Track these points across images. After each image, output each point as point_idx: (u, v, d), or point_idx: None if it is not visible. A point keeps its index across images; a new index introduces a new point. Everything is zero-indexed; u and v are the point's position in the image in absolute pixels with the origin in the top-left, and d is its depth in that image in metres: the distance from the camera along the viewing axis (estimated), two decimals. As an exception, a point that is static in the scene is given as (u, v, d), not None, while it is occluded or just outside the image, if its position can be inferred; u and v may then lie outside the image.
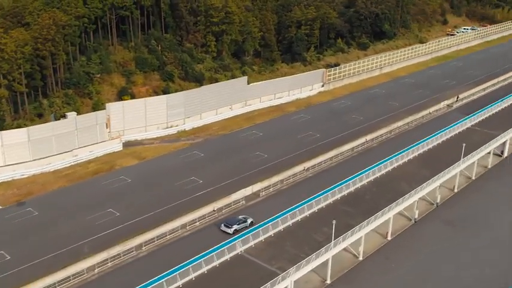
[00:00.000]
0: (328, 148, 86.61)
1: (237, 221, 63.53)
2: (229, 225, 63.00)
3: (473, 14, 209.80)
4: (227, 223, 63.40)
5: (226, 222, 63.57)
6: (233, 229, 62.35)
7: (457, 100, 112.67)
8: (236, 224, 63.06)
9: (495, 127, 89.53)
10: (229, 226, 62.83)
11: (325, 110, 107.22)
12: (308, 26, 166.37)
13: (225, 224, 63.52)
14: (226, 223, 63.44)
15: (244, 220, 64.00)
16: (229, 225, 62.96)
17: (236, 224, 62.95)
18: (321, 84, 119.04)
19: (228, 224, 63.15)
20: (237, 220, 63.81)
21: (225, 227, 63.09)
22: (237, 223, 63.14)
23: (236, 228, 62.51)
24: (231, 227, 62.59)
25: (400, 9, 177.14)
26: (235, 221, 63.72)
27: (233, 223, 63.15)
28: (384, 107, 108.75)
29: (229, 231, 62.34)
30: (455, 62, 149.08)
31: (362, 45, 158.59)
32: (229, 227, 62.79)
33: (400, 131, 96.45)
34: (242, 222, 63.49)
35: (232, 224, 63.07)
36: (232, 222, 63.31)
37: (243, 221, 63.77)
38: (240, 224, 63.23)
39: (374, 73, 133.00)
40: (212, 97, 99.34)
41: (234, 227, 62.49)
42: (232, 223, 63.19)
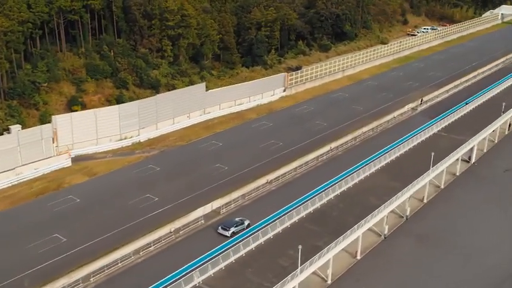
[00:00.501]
0: (291, 158, 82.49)
1: (234, 224, 62.98)
2: (227, 228, 62.38)
3: (432, 14, 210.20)
4: (224, 226, 62.85)
5: (224, 225, 63.00)
6: (231, 231, 61.95)
7: (421, 103, 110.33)
8: (233, 226, 62.55)
9: (461, 132, 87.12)
10: (227, 229, 62.21)
11: (287, 116, 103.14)
12: (268, 28, 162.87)
13: (222, 226, 62.88)
14: (224, 226, 62.86)
15: (241, 222, 63.57)
16: (226, 228, 62.35)
17: (233, 227, 62.46)
18: (283, 89, 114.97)
19: (226, 227, 62.54)
20: (234, 222, 63.24)
21: (223, 229, 62.46)
22: (235, 225, 62.69)
23: (234, 230, 62.13)
24: (228, 230, 62.04)
25: (361, 10, 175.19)
26: (232, 223, 63.12)
27: (230, 225, 62.60)
28: (348, 112, 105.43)
29: (226, 233, 61.78)
30: (417, 63, 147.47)
31: (323, 47, 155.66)
32: (226, 229, 62.18)
33: (365, 137, 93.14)
34: (239, 225, 63.16)
35: (229, 226, 62.49)
36: (230, 225, 62.74)
37: (240, 223, 63.39)
38: (238, 226, 62.85)
39: (337, 76, 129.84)
40: (168, 105, 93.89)
41: (232, 230, 62.06)
42: (229, 226, 62.62)
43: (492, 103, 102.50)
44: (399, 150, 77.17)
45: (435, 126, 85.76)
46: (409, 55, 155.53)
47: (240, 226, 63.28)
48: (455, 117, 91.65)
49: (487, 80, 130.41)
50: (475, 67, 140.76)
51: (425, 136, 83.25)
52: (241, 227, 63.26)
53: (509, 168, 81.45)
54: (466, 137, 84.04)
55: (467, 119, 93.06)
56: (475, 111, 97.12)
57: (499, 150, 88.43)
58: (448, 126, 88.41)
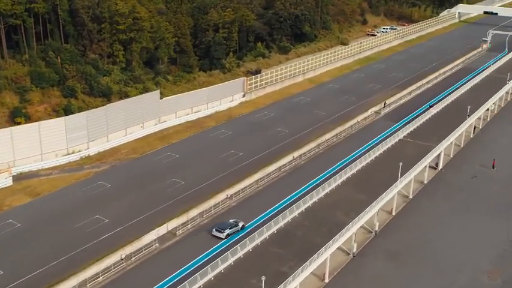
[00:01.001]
0: (252, 169, 77.86)
1: (228, 225, 61.97)
2: (221, 229, 61.34)
3: (391, 13, 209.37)
4: (219, 228, 61.73)
5: (218, 227, 61.84)
6: (225, 233, 60.86)
7: (384, 106, 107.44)
8: (228, 228, 61.54)
9: (427, 137, 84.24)
10: (221, 231, 61.19)
11: (247, 124, 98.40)
12: (226, 29, 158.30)
13: (217, 229, 61.78)
14: (218, 228, 61.75)
15: (235, 224, 62.52)
16: (221, 230, 61.32)
17: (228, 228, 61.45)
18: (242, 94, 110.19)
19: (220, 229, 61.49)
20: (229, 224, 62.21)
21: (217, 231, 61.43)
22: (229, 227, 61.68)
23: (228, 232, 61.08)
24: (223, 232, 61.02)
25: (320, 10, 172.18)
26: (226, 225, 62.10)
27: (225, 227, 61.55)
28: (310, 117, 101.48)
29: (221, 235, 60.72)
30: (378, 63, 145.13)
31: (283, 49, 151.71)
32: (221, 231, 61.16)
33: (329, 145, 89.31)
34: (234, 226, 62.12)
35: (224, 228, 61.44)
36: (224, 227, 61.68)
37: (235, 225, 62.35)
38: (232, 228, 61.80)
39: (297, 79, 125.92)
40: (120, 115, 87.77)
41: (226, 232, 61.04)
42: (223, 227, 61.57)
43: (456, 106, 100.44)
44: (365, 160, 73.44)
45: (401, 132, 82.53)
46: (370, 56, 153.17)
47: (235, 228, 61.92)
48: (420, 122, 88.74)
49: (448, 80, 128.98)
50: (435, 67, 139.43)
51: (391, 143, 79.93)
52: (235, 228, 61.89)
53: (476, 174, 78.86)
54: (433, 143, 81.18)
55: (433, 124, 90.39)
56: (440, 115, 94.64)
57: (465, 154, 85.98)
58: (414, 132, 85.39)
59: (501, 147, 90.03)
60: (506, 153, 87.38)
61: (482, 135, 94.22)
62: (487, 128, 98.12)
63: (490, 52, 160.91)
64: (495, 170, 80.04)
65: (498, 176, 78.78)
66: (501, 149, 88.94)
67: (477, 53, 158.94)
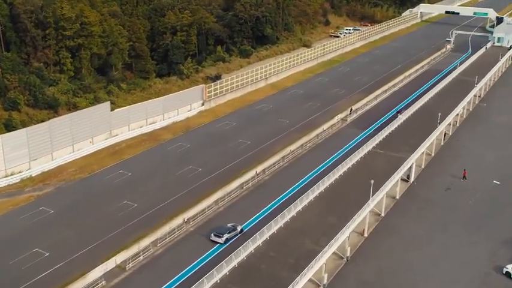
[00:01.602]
0: (212, 187, 71.58)
1: (227, 230, 60.42)
2: (220, 234, 59.76)
3: (353, 14, 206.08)
4: (217, 233, 60.08)
5: (217, 232, 60.20)
6: (224, 238, 59.39)
7: (350, 113, 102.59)
8: (226, 232, 59.99)
9: (398, 148, 79.41)
10: (220, 235, 59.61)
11: (207, 135, 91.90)
12: (184, 32, 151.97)
13: (215, 233, 60.10)
14: (217, 233, 60.10)
15: (234, 228, 61.09)
16: (219, 235, 59.71)
17: (226, 233, 59.91)
18: (201, 103, 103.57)
19: (219, 234, 59.87)
20: (227, 229, 60.67)
21: (216, 236, 59.82)
22: (228, 232, 60.14)
23: (227, 237, 59.61)
24: (221, 236, 59.49)
25: (281, 11, 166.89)
26: (225, 229, 60.48)
27: (223, 232, 59.98)
28: (274, 126, 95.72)
29: (220, 240, 59.28)
30: (342, 66, 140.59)
31: (244, 52, 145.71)
32: (220, 236, 59.60)
33: (294, 156, 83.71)
34: (232, 231, 60.61)
35: (222, 233, 59.86)
36: (223, 232, 60.08)
37: (233, 229, 60.88)
38: (231, 232, 60.29)
39: (259, 84, 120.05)
40: (66, 130, 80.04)
41: (225, 236, 59.55)
42: (222, 232, 59.97)
43: (425, 111, 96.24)
44: (333, 176, 67.96)
45: (370, 143, 77.42)
46: (334, 58, 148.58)
47: (233, 232, 60.38)
48: (389, 130, 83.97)
49: (414, 83, 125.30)
50: (401, 69, 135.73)
51: (360, 155, 74.76)
52: (234, 233, 60.38)
53: (449, 186, 74.47)
54: (404, 154, 76.42)
55: (402, 132, 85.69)
56: (409, 122, 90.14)
57: (437, 164, 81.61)
58: (383, 142, 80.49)
59: (471, 154, 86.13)
60: (476, 160, 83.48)
61: (453, 142, 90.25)
62: (457, 133, 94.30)
63: (454, 53, 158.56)
64: (466, 180, 75.86)
65: (471, 187, 74.57)
66: (471, 156, 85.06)
67: (441, 54, 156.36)
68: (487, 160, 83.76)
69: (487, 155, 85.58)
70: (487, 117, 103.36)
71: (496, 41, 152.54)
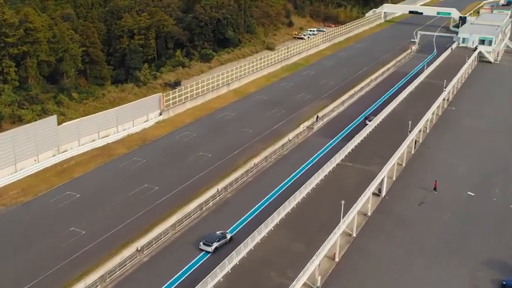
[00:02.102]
0: (170, 208, 65.69)
1: (216, 238, 58.45)
2: (209, 243, 57.77)
3: (317, 15, 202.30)
4: (206, 241, 58.06)
5: (206, 240, 58.19)
6: (213, 247, 57.37)
7: (317, 120, 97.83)
8: (216, 241, 58.04)
9: (368, 160, 74.68)
10: (209, 244, 57.65)
11: (165, 148, 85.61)
12: (142, 36, 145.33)
13: (204, 242, 58.08)
14: (206, 241, 58.07)
15: (223, 236, 59.07)
16: (209, 243, 57.72)
17: (216, 241, 57.96)
18: (159, 112, 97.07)
19: (208, 242, 57.89)
20: (216, 237, 58.64)
21: (205, 245, 57.80)
22: (217, 240, 58.19)
23: (216, 246, 57.62)
24: (211, 245, 57.51)
25: (243, 13, 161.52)
26: (214, 238, 58.53)
27: (213, 240, 58.05)
28: (236, 137, 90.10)
29: (209, 249, 57.31)
30: (307, 70, 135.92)
31: (205, 57, 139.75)
32: (209, 245, 57.61)
33: (258, 170, 78.33)
34: (222, 238, 58.65)
35: (211, 241, 57.90)
36: (212, 240, 58.15)
37: (223, 237, 58.88)
38: (220, 240, 58.31)
39: (221, 91, 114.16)
40: (7, 148, 72.62)
41: (215, 245, 57.57)
42: (211, 240, 58.02)
43: (394, 118, 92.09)
44: (300, 194, 62.68)
45: (338, 156, 72.48)
46: (298, 61, 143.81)
47: (223, 240, 58.40)
48: (358, 140, 79.32)
49: (381, 87, 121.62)
50: (367, 72, 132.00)
51: (328, 169, 69.75)
52: (224, 240, 58.37)
53: (423, 200, 70.30)
54: (374, 166, 71.77)
55: (371, 142, 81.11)
56: (378, 131, 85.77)
57: (409, 175, 77.47)
58: (352, 153, 75.77)
59: (443, 163, 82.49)
60: (448, 170, 79.83)
61: (424, 150, 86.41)
62: (428, 140, 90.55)
63: (419, 54, 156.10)
64: (438, 192, 71.91)
65: (445, 200, 70.61)
66: (443, 166, 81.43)
67: (407, 55, 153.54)
68: (459, 169, 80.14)
69: (458, 163, 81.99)
70: (457, 121, 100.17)
71: (461, 42, 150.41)
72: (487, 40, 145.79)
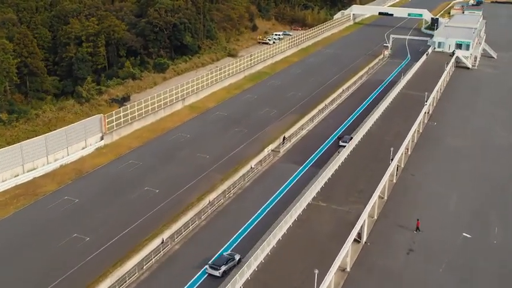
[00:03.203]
0: (101, 268, 52.49)
1: (224, 261, 53.09)
2: (217, 266, 52.47)
3: (282, 17, 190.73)
4: (214, 264, 52.89)
5: (213, 264, 53.02)
6: (221, 270, 52.04)
7: (283, 141, 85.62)
8: (224, 264, 52.57)
9: (343, 197, 62.63)
10: (217, 268, 52.31)
11: (103, 182, 72.02)
12: (91, 43, 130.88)
13: (211, 265, 52.89)
14: (213, 264, 52.91)
15: (231, 258, 53.61)
16: (216, 267, 52.40)
17: (224, 265, 52.51)
18: (100, 136, 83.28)
19: (215, 266, 52.62)
20: (225, 259, 53.31)
21: (212, 269, 52.59)
22: (225, 263, 52.75)
23: (225, 269, 52.13)
24: (219, 269, 52.22)
25: (202, 17, 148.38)
26: (222, 260, 53.21)
27: (220, 264, 52.74)
28: (190, 165, 77.12)
29: (217, 273, 51.96)
30: (273, 80, 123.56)
31: (159, 66, 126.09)
32: (216, 268, 52.29)
33: (214, 211, 65.54)
34: (230, 261, 53.14)
35: (219, 265, 52.64)
36: (219, 263, 52.84)
37: (231, 259, 53.44)
38: (228, 263, 52.82)
39: (176, 107, 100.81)
40: None
41: (223, 268, 52.20)
42: (219, 264, 52.74)
43: (370, 140, 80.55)
44: (262, 252, 50.04)
45: (309, 194, 60.14)
46: (263, 70, 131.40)
47: (231, 262, 52.87)
48: (332, 171, 67.22)
49: (354, 98, 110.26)
50: (338, 81, 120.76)
51: (299, 211, 57.45)
52: (232, 263, 52.83)
53: (411, 246, 58.63)
54: (352, 206, 59.91)
55: (348, 172, 69.28)
56: (354, 157, 74.00)
57: (393, 212, 65.71)
58: (326, 189, 63.63)
59: (429, 194, 70.90)
60: (437, 203, 68.49)
61: (407, 178, 74.92)
62: (410, 164, 79.03)
63: (393, 59, 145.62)
64: (427, 233, 60.57)
65: (437, 245, 59.05)
66: (430, 198, 70.00)
67: (379, 61, 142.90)
68: (450, 202, 68.85)
69: (448, 194, 70.72)
70: (440, 140, 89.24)
71: (436, 46, 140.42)
72: (464, 44, 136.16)
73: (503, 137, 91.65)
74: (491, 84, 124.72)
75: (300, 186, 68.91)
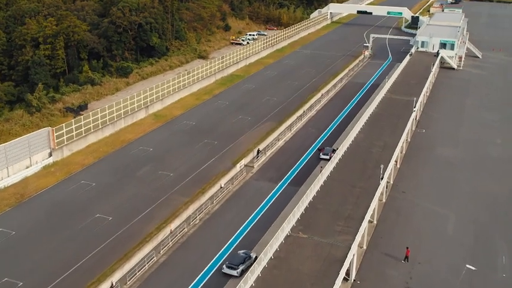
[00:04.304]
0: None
1: (242, 259, 48.95)
2: (235, 266, 48.32)
3: (257, 16, 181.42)
4: (231, 264, 48.70)
5: (230, 263, 48.85)
6: (240, 270, 47.95)
7: (258, 155, 76.24)
8: (241, 263, 48.46)
9: (327, 228, 53.25)
10: (235, 267, 48.16)
11: (49, 208, 61.68)
12: (49, 45, 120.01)
13: (228, 265, 48.78)
14: (230, 264, 48.74)
15: (248, 256, 49.71)
16: (234, 266, 48.24)
17: (241, 264, 48.43)
18: (48, 153, 72.85)
19: (233, 265, 48.44)
20: (242, 258, 49.27)
21: (229, 268, 48.45)
22: (242, 262, 48.66)
23: (243, 268, 47.95)
24: (237, 268, 48.10)
25: (171, 16, 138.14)
26: (239, 259, 48.99)
27: (238, 263, 48.57)
28: (150, 185, 67.28)
29: (235, 273, 47.84)
30: (246, 83, 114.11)
31: (122, 70, 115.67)
32: (234, 268, 48.18)
33: (176, 242, 55.81)
34: (247, 259, 49.04)
35: (237, 264, 48.43)
36: (237, 262, 48.68)
37: (248, 257, 49.37)
38: (245, 261, 48.71)
39: (138, 116, 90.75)
40: None
41: (241, 268, 48.09)
42: (237, 263, 48.55)
43: (355, 152, 71.56)
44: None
45: (287, 223, 50.79)
46: (236, 73, 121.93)
47: (248, 261, 49.23)
48: (312, 193, 57.90)
49: (335, 104, 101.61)
50: (316, 84, 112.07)
51: (275, 247, 48.03)
52: (249, 262, 49.23)
53: (407, 283, 49.67)
54: (338, 238, 50.70)
55: (331, 193, 60.04)
56: (338, 174, 64.86)
57: (384, 240, 56.61)
58: (307, 216, 54.36)
59: (424, 216, 62.01)
60: (432, 226, 59.75)
61: (397, 197, 65.99)
62: (400, 180, 69.91)
63: (374, 60, 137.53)
64: (425, 265, 52.00)
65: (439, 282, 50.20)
66: (424, 220, 61.18)
67: (360, 62, 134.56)
68: (448, 225, 60.21)
69: (445, 215, 62.09)
70: (431, 149, 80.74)
71: (419, 46, 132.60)
72: (448, 43, 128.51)
73: (497, 145, 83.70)
74: (479, 86, 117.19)
75: (276, 211, 59.92)
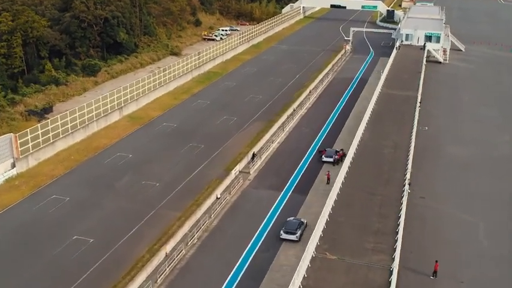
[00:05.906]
0: None
1: (297, 225, 49.19)
2: (293, 230, 48.54)
3: (228, 11, 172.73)
4: (288, 229, 48.74)
5: (287, 228, 48.86)
6: (298, 234, 48.43)
7: (253, 159, 67.77)
8: (298, 228, 48.84)
9: (355, 244, 45.15)
10: (293, 232, 48.43)
11: (12, 232, 51.65)
12: (4, 43, 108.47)
13: (286, 230, 48.78)
14: (287, 229, 48.74)
15: (301, 221, 50.05)
16: (292, 231, 48.50)
17: (298, 229, 48.79)
18: (10, 163, 62.45)
19: (291, 230, 48.62)
20: (297, 223, 49.33)
21: (288, 233, 48.52)
22: (298, 227, 48.97)
23: (300, 233, 48.64)
24: (295, 233, 48.39)
25: (138, 10, 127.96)
26: (295, 225, 49.22)
27: (294, 228, 48.85)
28: (133, 198, 57.99)
29: (294, 238, 48.15)
30: (225, 81, 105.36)
31: (89, 69, 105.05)
32: (293, 233, 48.38)
33: (172, 268, 46.76)
34: (301, 224, 49.59)
35: (294, 228, 48.74)
36: (294, 227, 48.89)
37: (301, 223, 49.81)
38: (300, 227, 49.21)
39: (112, 118, 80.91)
40: None
41: (298, 232, 48.61)
42: (294, 228, 48.82)
43: (365, 154, 63.95)
44: None
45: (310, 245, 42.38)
46: (213, 70, 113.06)
47: (302, 226, 49.16)
48: (331, 201, 49.82)
49: (326, 101, 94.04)
50: (301, 81, 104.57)
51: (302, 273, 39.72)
52: (303, 227, 49.22)
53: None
54: (372, 258, 42.75)
55: (351, 200, 51.95)
56: (353, 176, 56.99)
57: (413, 254, 48.67)
58: (329, 229, 46.17)
59: (450, 223, 55.09)
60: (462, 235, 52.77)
61: (417, 203, 58.33)
62: (415, 184, 62.56)
63: (356, 55, 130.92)
64: (437, 278, 44.77)
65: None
66: (452, 229, 54.06)
67: (342, 57, 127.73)
68: (479, 233, 53.11)
69: (473, 223, 54.98)
70: (439, 149, 73.89)
71: (404, 39, 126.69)
72: (434, 36, 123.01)
73: (506, 142, 77.72)
74: (469, 80, 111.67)
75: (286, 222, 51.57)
